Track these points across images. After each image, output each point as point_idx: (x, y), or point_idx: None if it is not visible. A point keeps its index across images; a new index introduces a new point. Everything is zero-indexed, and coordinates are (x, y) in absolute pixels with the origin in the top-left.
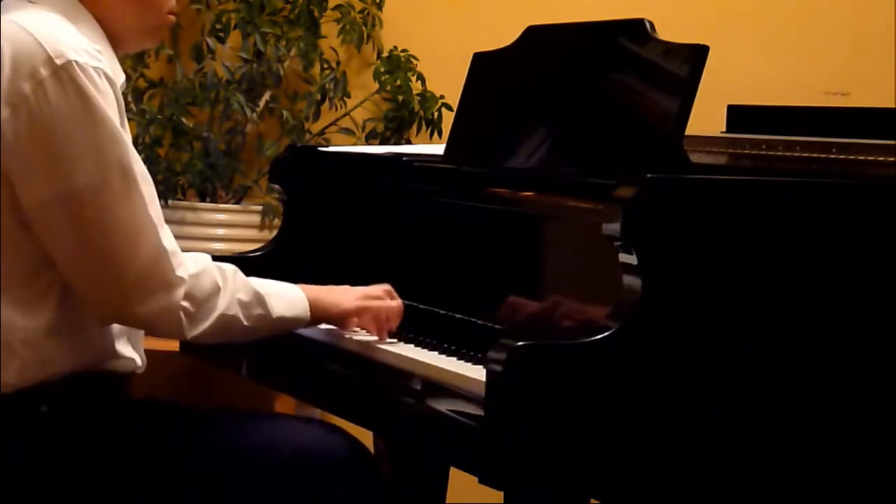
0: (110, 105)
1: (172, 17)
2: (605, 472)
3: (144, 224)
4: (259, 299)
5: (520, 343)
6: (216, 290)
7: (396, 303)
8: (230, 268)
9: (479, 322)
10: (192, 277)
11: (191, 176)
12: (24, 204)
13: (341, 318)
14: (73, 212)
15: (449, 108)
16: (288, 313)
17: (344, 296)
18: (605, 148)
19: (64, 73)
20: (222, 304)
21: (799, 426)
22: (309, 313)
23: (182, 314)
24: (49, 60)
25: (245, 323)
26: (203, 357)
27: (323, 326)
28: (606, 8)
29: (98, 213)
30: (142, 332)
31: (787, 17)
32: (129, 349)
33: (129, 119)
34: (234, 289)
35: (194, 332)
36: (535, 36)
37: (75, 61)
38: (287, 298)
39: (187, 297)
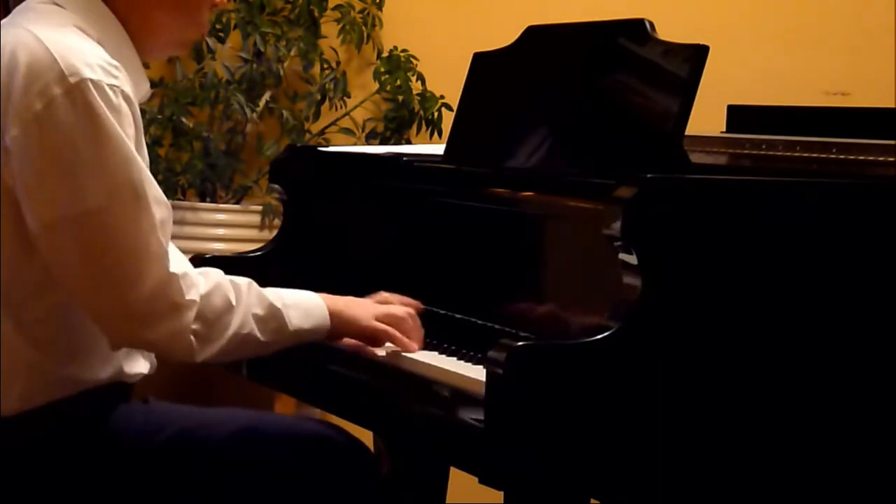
0: (125, 124)
1: (206, 29)
2: (605, 472)
3: (153, 248)
4: (275, 313)
5: (520, 343)
6: (229, 308)
7: (418, 328)
8: (244, 282)
9: (479, 322)
10: (204, 297)
11: (191, 176)
12: (30, 224)
13: (362, 335)
14: (81, 234)
15: (449, 108)
16: (306, 325)
17: (366, 311)
18: (605, 148)
19: (77, 92)
20: (236, 322)
21: (800, 426)
22: (329, 322)
23: (192, 337)
24: (62, 78)
25: (261, 338)
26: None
27: None
28: (606, 8)
29: (106, 236)
30: None
31: (787, 17)
32: (140, 362)
33: None
34: (249, 304)
35: (206, 353)
36: (535, 36)
37: (90, 79)
38: (304, 308)
39: (198, 318)
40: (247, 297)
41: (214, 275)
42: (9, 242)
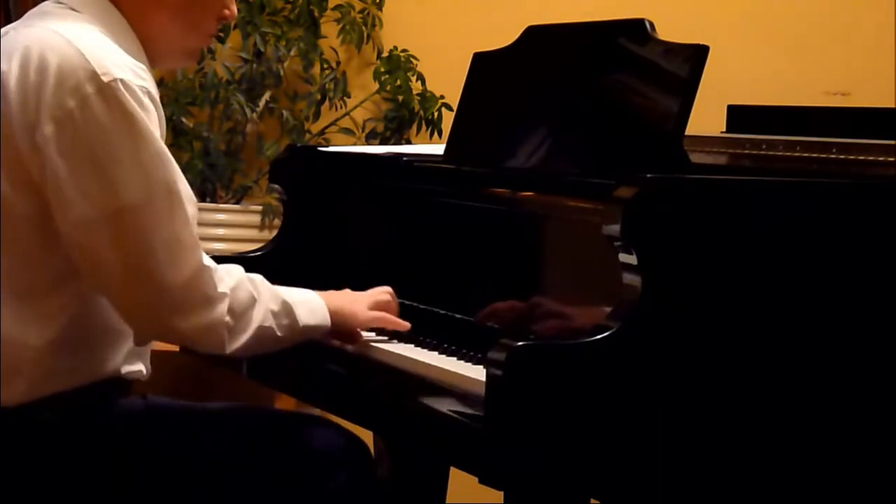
0: (154, 124)
1: (210, 40)
2: (605, 472)
3: (187, 241)
4: (287, 309)
5: (520, 343)
6: (252, 303)
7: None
8: (258, 277)
9: (479, 322)
10: (232, 291)
11: (191, 176)
12: (62, 221)
13: (356, 328)
14: (118, 230)
15: (449, 108)
16: (312, 321)
17: (358, 305)
18: (605, 148)
19: (109, 91)
20: (258, 316)
21: (799, 426)
22: (329, 320)
23: (225, 330)
24: (94, 76)
25: (278, 333)
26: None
27: None
28: (606, 8)
29: (142, 231)
30: (150, 344)
31: (787, 17)
32: (137, 364)
33: None
34: (266, 299)
35: (234, 345)
36: (535, 36)
37: (121, 79)
38: (309, 306)
39: (229, 311)
40: (264, 293)
41: (235, 270)
42: (28, 238)
